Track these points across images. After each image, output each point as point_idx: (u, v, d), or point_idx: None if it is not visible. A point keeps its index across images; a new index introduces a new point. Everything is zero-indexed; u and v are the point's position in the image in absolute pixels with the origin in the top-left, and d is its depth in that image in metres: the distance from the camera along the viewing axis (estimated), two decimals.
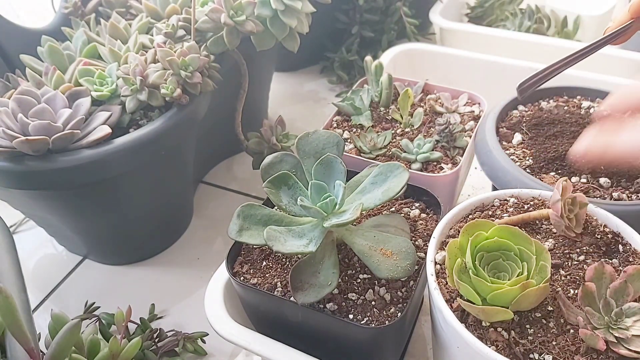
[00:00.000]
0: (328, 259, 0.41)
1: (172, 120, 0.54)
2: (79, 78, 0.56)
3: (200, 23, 0.59)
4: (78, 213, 0.56)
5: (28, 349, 0.32)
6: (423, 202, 0.49)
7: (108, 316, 0.55)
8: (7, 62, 0.64)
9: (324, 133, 0.46)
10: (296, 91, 0.95)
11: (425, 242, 0.45)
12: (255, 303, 0.44)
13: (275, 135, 0.66)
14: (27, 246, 0.68)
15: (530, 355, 0.32)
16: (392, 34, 0.91)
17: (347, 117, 0.61)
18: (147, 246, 0.65)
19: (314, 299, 0.38)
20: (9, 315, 0.30)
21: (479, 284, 0.33)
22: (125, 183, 0.55)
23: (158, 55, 0.55)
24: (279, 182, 0.42)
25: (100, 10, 0.69)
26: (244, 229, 0.42)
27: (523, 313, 0.34)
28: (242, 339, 0.42)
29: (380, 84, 0.62)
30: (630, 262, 0.37)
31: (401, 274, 0.39)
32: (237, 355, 0.53)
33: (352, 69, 0.93)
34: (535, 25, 0.89)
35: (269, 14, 0.59)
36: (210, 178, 0.77)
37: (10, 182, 0.49)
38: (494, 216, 0.41)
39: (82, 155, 0.49)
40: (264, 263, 0.44)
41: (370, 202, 0.41)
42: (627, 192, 0.46)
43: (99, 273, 0.64)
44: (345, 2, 0.90)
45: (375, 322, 0.39)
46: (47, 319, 0.49)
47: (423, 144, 0.54)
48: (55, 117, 0.50)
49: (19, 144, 0.47)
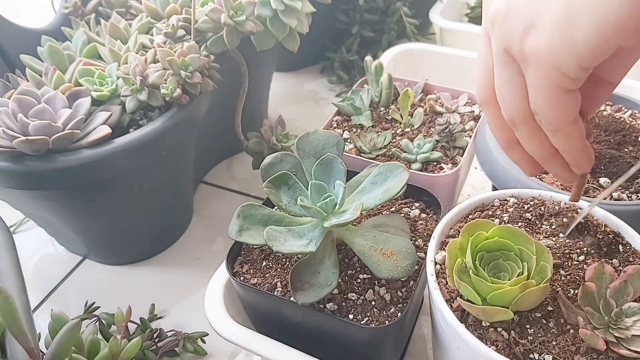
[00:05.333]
0: (328, 259, 0.41)
1: (172, 120, 0.54)
2: (79, 78, 0.56)
3: (200, 23, 0.59)
4: (78, 213, 0.56)
5: (28, 349, 0.32)
6: (423, 202, 0.49)
7: (108, 316, 0.55)
8: (7, 62, 0.64)
9: (324, 133, 0.46)
10: (296, 91, 0.95)
11: (425, 242, 0.45)
12: (255, 303, 0.44)
13: (275, 135, 0.66)
14: (27, 246, 0.68)
15: (530, 355, 0.32)
16: (392, 34, 0.91)
17: (347, 117, 0.61)
18: (147, 246, 0.65)
19: (314, 299, 0.38)
20: (9, 315, 0.30)
21: (479, 284, 0.33)
22: (125, 183, 0.55)
23: (158, 55, 0.55)
24: (279, 182, 0.42)
25: (100, 10, 0.69)
26: (244, 229, 0.42)
27: (523, 313, 0.34)
28: (242, 339, 0.42)
29: (380, 84, 0.62)
30: (630, 262, 0.37)
31: (401, 274, 0.38)
32: (237, 355, 0.53)
33: (352, 69, 0.93)
34: None
35: (269, 14, 0.59)
36: (210, 178, 0.77)
37: (10, 182, 0.49)
38: (494, 216, 0.41)
39: (82, 155, 0.49)
40: (264, 263, 0.44)
41: (370, 202, 0.41)
42: (627, 192, 0.46)
43: (99, 273, 0.64)
44: (345, 2, 0.90)
45: (375, 322, 0.39)
46: (47, 319, 0.49)
47: (423, 144, 0.54)
48: (55, 117, 0.50)
49: (19, 144, 0.47)
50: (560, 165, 0.32)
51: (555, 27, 0.25)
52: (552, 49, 0.25)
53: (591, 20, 0.24)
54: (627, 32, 0.23)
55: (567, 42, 0.25)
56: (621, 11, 0.23)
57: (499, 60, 0.29)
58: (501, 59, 0.29)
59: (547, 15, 0.25)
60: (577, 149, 0.30)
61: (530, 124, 0.30)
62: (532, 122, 0.29)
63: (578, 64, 0.25)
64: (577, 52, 0.25)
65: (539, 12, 0.26)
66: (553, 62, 0.26)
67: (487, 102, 0.32)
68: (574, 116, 0.28)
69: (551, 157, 0.31)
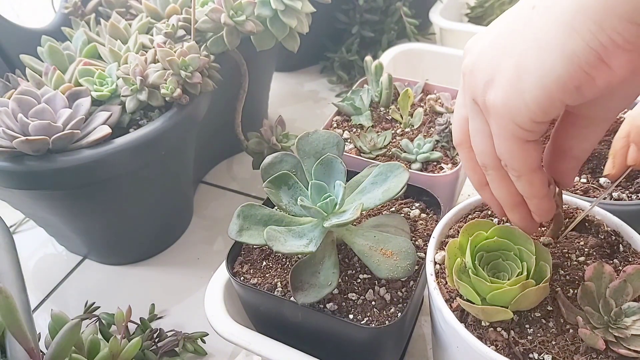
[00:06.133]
0: (328, 259, 0.41)
1: (172, 120, 0.54)
2: (79, 78, 0.56)
3: (200, 23, 0.59)
4: (78, 213, 0.56)
5: (28, 349, 0.32)
6: (423, 202, 0.49)
7: (108, 316, 0.55)
8: (7, 62, 0.64)
9: (324, 133, 0.46)
10: (296, 91, 0.95)
11: (425, 242, 0.45)
12: (255, 303, 0.44)
13: (275, 135, 0.66)
14: (27, 246, 0.68)
15: (530, 355, 0.32)
16: (392, 34, 0.91)
17: (347, 117, 0.61)
18: (147, 246, 0.65)
19: (314, 299, 0.38)
20: (9, 315, 0.31)
21: (478, 284, 0.33)
22: (125, 183, 0.55)
23: (158, 55, 0.55)
24: (279, 182, 0.43)
25: (100, 10, 0.69)
26: (244, 229, 0.42)
27: (523, 313, 0.34)
28: (242, 339, 0.42)
29: (380, 84, 0.62)
30: (630, 262, 0.37)
31: (401, 274, 0.39)
32: (237, 355, 0.53)
33: (352, 69, 0.93)
34: None
35: (269, 14, 0.59)
36: (210, 178, 0.77)
37: (10, 182, 0.49)
38: (493, 216, 0.41)
39: (82, 155, 0.49)
40: (264, 263, 0.44)
41: (370, 202, 0.41)
42: (627, 192, 0.46)
43: (99, 273, 0.64)
44: (345, 2, 0.90)
45: (375, 322, 0.39)
46: (47, 319, 0.49)
47: (423, 144, 0.54)
48: (55, 117, 0.50)
49: (19, 144, 0.47)
50: (521, 216, 0.34)
51: (508, 83, 0.27)
52: (507, 103, 0.27)
53: (536, 79, 0.26)
54: (569, 91, 0.25)
55: (518, 98, 0.27)
56: (562, 72, 0.25)
57: (470, 109, 0.31)
58: (472, 108, 0.31)
59: (503, 73, 0.27)
60: (538, 196, 0.32)
61: (499, 170, 0.32)
62: (501, 169, 0.31)
63: (529, 118, 0.27)
64: (527, 106, 0.26)
65: (497, 68, 0.28)
66: (509, 115, 0.27)
67: (461, 145, 0.35)
68: (535, 164, 0.30)
69: (515, 206, 0.33)
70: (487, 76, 0.28)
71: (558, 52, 0.25)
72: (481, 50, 0.29)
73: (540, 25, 0.26)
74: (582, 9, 0.23)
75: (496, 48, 0.28)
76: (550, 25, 0.25)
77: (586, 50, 0.24)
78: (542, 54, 0.25)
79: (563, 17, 0.24)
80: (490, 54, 0.29)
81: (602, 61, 0.24)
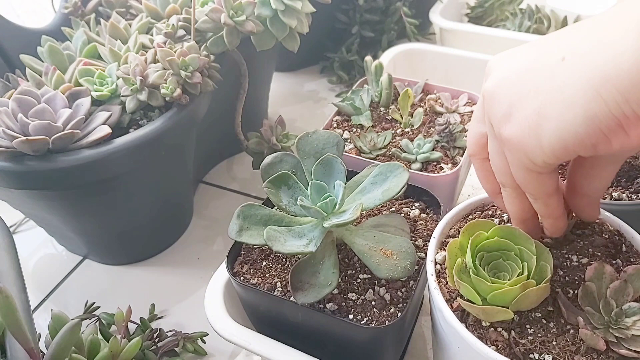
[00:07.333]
0: (328, 259, 0.41)
1: (172, 120, 0.54)
2: (79, 78, 0.56)
3: (200, 23, 0.58)
4: (78, 213, 0.56)
5: (28, 349, 0.32)
6: (423, 202, 0.49)
7: (108, 316, 0.55)
8: (7, 62, 0.64)
9: (324, 133, 0.46)
10: (296, 91, 0.95)
11: (425, 242, 0.45)
12: (255, 303, 0.44)
13: (275, 135, 0.66)
14: (27, 246, 0.68)
15: (530, 355, 0.32)
16: (392, 34, 0.91)
17: (347, 117, 0.61)
18: (147, 246, 0.65)
19: (314, 299, 0.38)
20: (9, 315, 0.30)
21: (479, 284, 0.33)
22: (125, 183, 0.55)
23: (158, 55, 0.55)
24: (279, 182, 0.42)
25: (100, 10, 0.69)
26: (244, 229, 0.42)
27: (523, 313, 0.34)
28: (242, 339, 0.42)
29: (380, 84, 0.62)
30: (632, 262, 0.37)
31: (401, 274, 0.38)
32: (237, 355, 0.53)
33: (352, 69, 0.93)
34: (535, 25, 0.89)
35: (269, 14, 0.59)
36: (210, 178, 0.77)
37: (10, 182, 0.49)
38: (494, 216, 0.41)
39: (82, 155, 0.49)
40: (264, 263, 0.44)
41: (370, 202, 0.41)
42: (627, 192, 0.46)
43: (99, 273, 0.64)
44: (345, 2, 0.90)
45: (375, 322, 0.39)
46: (47, 319, 0.49)
47: (423, 144, 0.54)
48: (55, 117, 0.50)
49: (19, 144, 0.47)
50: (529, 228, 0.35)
51: (526, 124, 0.28)
52: (522, 142, 0.28)
53: (555, 129, 0.27)
54: (585, 147, 0.26)
55: (534, 140, 0.28)
56: (581, 130, 0.26)
57: (489, 131, 0.32)
58: (490, 131, 0.32)
59: (522, 112, 0.28)
60: (553, 216, 0.34)
61: (516, 190, 0.33)
62: (517, 188, 0.33)
63: (542, 160, 0.28)
64: (542, 150, 0.28)
65: (517, 105, 0.29)
66: (523, 152, 0.29)
67: (475, 155, 0.36)
68: (551, 189, 0.31)
69: (525, 220, 0.35)
70: (506, 108, 0.29)
71: (580, 111, 0.25)
72: (504, 77, 0.30)
73: (566, 80, 0.26)
74: (611, 78, 0.24)
75: (519, 82, 0.29)
76: (577, 83, 0.26)
77: (608, 116, 0.25)
78: (564, 108, 0.26)
79: (591, 81, 0.25)
80: (512, 86, 0.29)
81: (622, 128, 0.25)
